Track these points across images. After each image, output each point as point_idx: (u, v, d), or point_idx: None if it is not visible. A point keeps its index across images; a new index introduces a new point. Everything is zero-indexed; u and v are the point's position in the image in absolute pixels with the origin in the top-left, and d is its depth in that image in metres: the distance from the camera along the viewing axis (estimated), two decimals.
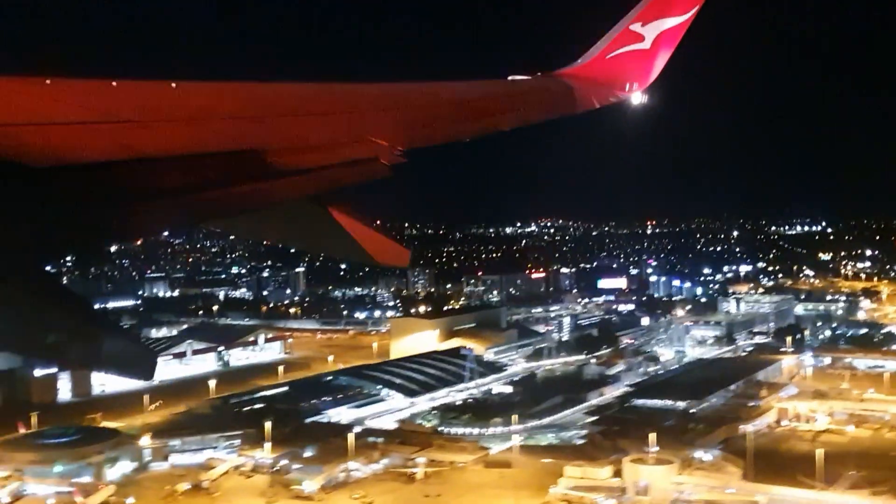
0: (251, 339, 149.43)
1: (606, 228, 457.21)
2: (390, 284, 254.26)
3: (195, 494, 74.77)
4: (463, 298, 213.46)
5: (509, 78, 13.40)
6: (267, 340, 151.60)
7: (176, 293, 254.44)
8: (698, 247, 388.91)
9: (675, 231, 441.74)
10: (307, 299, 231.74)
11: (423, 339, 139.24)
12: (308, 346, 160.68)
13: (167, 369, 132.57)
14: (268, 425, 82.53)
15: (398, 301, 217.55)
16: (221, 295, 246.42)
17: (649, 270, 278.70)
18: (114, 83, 6.40)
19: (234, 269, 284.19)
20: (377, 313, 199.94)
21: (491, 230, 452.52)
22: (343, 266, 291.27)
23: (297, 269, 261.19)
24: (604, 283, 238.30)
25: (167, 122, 6.69)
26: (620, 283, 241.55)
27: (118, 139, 6.07)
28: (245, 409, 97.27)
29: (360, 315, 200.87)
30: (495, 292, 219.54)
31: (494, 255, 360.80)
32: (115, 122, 6.22)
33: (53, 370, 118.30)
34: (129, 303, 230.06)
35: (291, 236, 10.00)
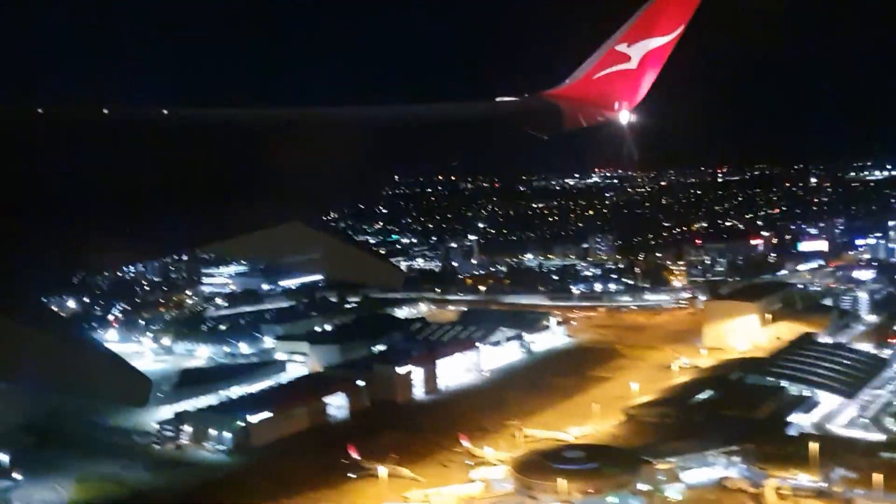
0: (544, 322, 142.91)
1: (672, 178, 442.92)
2: (568, 251, 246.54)
3: None
4: (683, 269, 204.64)
5: (497, 100, 13.68)
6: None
7: None
8: (802, 196, 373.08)
9: (749, 179, 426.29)
10: (501, 270, 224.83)
11: (745, 324, 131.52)
12: (579, 328, 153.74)
13: (489, 358, 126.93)
14: (813, 447, 75.51)
15: (608, 273, 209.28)
16: (403, 265, 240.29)
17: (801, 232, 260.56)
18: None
19: (393, 238, 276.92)
20: (597, 286, 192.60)
21: (553, 182, 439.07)
22: (504, 233, 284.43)
23: (471, 238, 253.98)
24: (805, 247, 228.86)
25: None
26: (822, 245, 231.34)
27: None
28: (693, 415, 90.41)
29: (575, 288, 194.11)
30: (711, 262, 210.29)
31: (594, 212, 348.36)
32: None
33: (410, 367, 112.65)
34: (312, 278, 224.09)
35: (287, 258, 9.82)
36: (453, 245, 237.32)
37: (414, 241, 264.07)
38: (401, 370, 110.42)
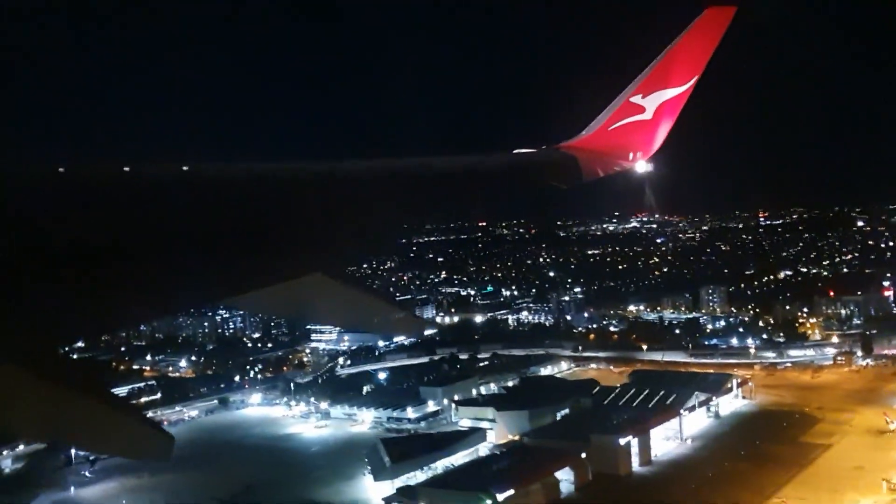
0: (728, 385, 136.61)
1: (714, 223, 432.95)
2: (678, 303, 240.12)
3: None
4: (814, 322, 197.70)
5: (515, 152, 14.16)
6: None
7: (452, 319, 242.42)
8: (864, 240, 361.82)
9: (793, 223, 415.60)
10: (613, 324, 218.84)
11: None
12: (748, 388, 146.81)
13: (690, 423, 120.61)
14: None
15: (734, 327, 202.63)
16: (510, 319, 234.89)
17: None
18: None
19: (489, 290, 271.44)
20: (733, 341, 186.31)
21: (593, 227, 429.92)
22: (582, 282, 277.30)
23: (576, 290, 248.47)
24: None
25: None
26: None
27: None
28: None
29: (709, 343, 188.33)
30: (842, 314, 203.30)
31: (659, 259, 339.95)
32: None
33: (629, 437, 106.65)
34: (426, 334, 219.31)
35: (305, 310, 9.80)
36: (566, 298, 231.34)
37: (515, 293, 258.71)
38: (621, 440, 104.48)
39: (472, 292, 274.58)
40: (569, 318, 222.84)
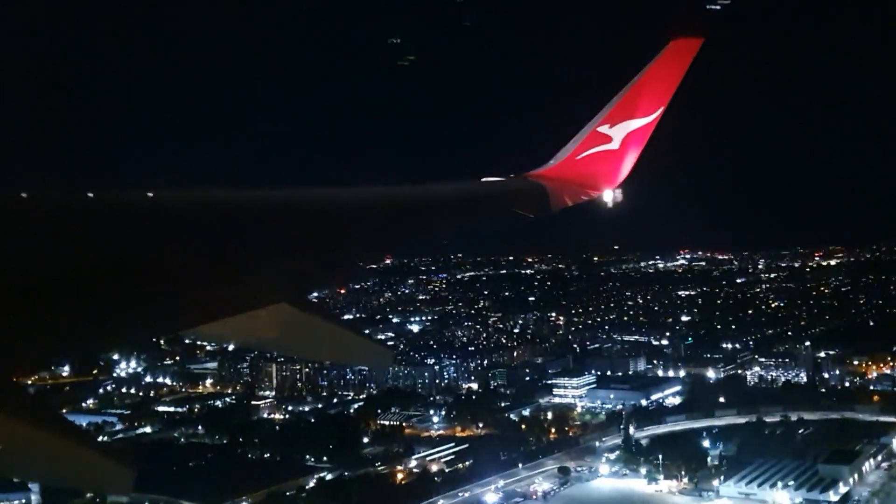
0: None
1: (768, 262, 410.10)
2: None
3: None
4: None
5: (482, 180, 14.19)
6: None
7: (676, 373, 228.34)
8: None
9: (849, 264, 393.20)
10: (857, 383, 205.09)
11: None
12: None
13: None
14: None
15: None
16: (748, 375, 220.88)
17: None
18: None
19: (689, 341, 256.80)
20: None
21: (642, 264, 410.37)
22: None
23: (806, 343, 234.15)
24: None
25: None
26: None
27: None
28: None
29: None
30: None
31: (779, 305, 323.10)
32: None
33: None
34: (672, 390, 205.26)
35: (271, 341, 9.60)
36: (822, 354, 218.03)
37: (737, 346, 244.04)
38: None
39: (664, 342, 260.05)
40: (825, 375, 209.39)
